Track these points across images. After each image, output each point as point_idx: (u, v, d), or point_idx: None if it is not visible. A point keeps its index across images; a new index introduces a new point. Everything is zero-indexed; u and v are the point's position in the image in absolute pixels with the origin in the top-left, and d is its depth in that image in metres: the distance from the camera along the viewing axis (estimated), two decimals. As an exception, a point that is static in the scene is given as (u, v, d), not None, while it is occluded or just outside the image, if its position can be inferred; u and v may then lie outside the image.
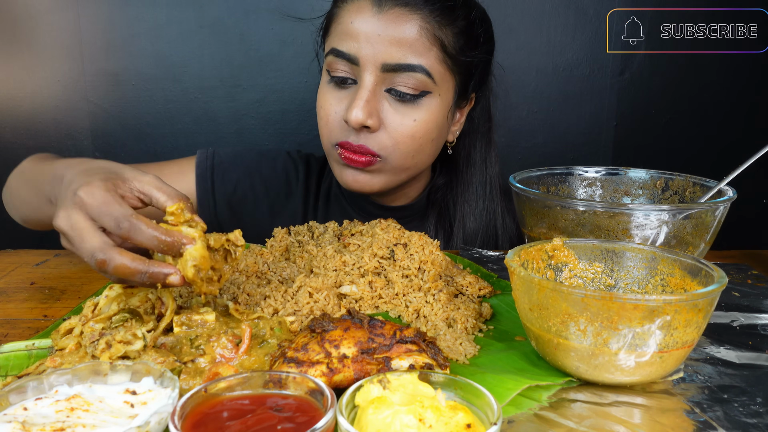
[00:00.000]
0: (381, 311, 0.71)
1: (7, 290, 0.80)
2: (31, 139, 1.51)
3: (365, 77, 0.87)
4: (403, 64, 0.86)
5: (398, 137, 0.89)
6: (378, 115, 0.88)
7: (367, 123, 0.86)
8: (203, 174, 1.02)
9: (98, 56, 1.47)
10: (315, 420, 0.41)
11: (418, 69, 0.86)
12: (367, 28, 0.85)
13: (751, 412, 0.51)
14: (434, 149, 0.96)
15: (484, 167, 1.04)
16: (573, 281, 0.65)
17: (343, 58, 0.88)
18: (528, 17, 1.49)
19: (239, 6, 1.46)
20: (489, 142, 1.05)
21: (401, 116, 0.88)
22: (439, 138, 0.95)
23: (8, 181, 0.97)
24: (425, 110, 0.89)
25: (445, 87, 0.91)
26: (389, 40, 0.85)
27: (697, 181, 0.80)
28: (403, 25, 0.85)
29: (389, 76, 0.87)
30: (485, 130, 1.05)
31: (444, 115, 0.93)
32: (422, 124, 0.89)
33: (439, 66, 0.88)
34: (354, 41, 0.86)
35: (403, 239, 0.78)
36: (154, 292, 0.60)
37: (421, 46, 0.86)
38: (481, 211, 1.03)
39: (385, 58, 0.85)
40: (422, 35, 0.86)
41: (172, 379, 0.47)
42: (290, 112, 1.52)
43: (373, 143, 0.89)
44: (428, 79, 0.87)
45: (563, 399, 0.53)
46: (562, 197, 0.82)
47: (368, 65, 0.86)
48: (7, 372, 0.56)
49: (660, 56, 1.53)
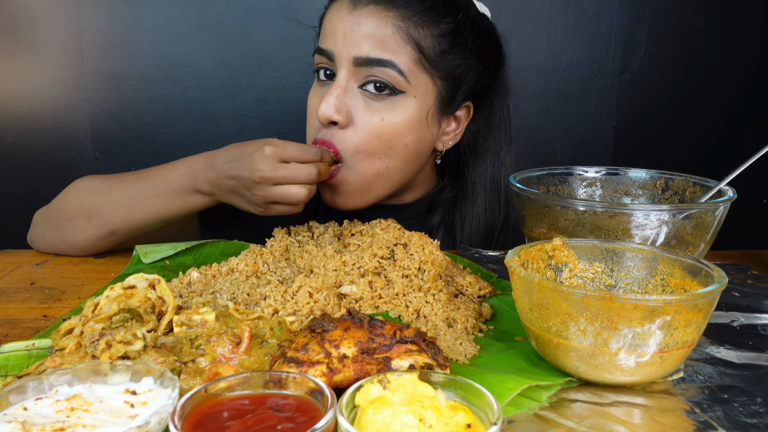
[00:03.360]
0: (381, 311, 0.71)
1: (7, 290, 0.80)
2: (31, 139, 1.51)
3: (339, 72, 0.89)
4: (374, 58, 0.86)
5: (364, 135, 0.88)
6: (347, 111, 0.88)
7: (334, 118, 0.87)
8: None
9: (98, 56, 1.47)
10: (315, 420, 0.41)
11: (388, 64, 0.86)
12: (342, 24, 0.88)
13: (751, 412, 0.51)
14: (411, 156, 0.93)
15: (496, 188, 1.01)
16: (573, 281, 0.65)
17: (324, 56, 0.91)
18: (528, 17, 1.49)
19: (239, 6, 1.46)
20: (498, 161, 1.01)
21: (370, 114, 0.88)
22: (418, 144, 0.92)
23: (56, 207, 0.94)
24: (397, 110, 0.88)
25: (422, 89, 0.90)
26: (362, 35, 0.87)
27: (697, 181, 0.80)
28: (376, 21, 0.87)
29: (362, 70, 0.87)
30: (494, 146, 1.01)
31: (420, 119, 0.90)
32: (391, 124, 0.88)
33: (413, 66, 0.88)
34: (332, 38, 0.89)
35: (403, 239, 0.78)
36: (153, 292, 0.60)
37: (393, 43, 0.87)
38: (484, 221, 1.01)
39: (356, 52, 0.87)
40: (395, 33, 0.87)
41: (172, 379, 0.47)
42: (290, 112, 1.52)
43: (338, 141, 0.89)
44: (401, 78, 0.87)
45: (563, 399, 0.53)
46: (562, 197, 0.82)
47: (342, 60, 0.88)
48: (7, 372, 0.56)
49: (660, 56, 1.53)
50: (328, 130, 0.89)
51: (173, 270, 0.85)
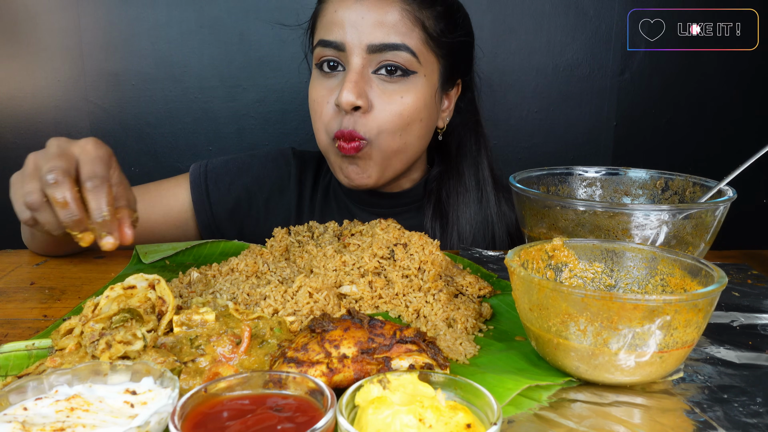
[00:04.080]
0: (381, 311, 0.71)
1: (7, 290, 0.80)
2: (31, 139, 1.51)
3: (353, 60, 0.91)
4: (388, 44, 0.90)
5: (386, 116, 0.92)
6: (367, 96, 0.91)
7: (357, 103, 0.90)
8: (196, 182, 1.05)
9: (98, 56, 1.47)
10: (315, 420, 0.41)
11: (402, 48, 0.90)
12: (351, 14, 0.90)
13: (751, 412, 0.51)
14: (424, 131, 0.98)
15: (474, 159, 1.06)
16: (573, 281, 0.65)
17: (331, 47, 0.92)
18: (528, 17, 1.49)
19: (239, 6, 1.46)
20: (477, 135, 1.07)
21: (389, 96, 0.92)
22: (428, 120, 0.98)
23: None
24: (412, 90, 0.93)
25: (430, 68, 0.95)
26: (372, 23, 0.90)
27: (697, 181, 0.80)
28: (384, 8, 0.90)
29: (375, 57, 0.91)
30: (473, 122, 1.07)
31: (431, 96, 0.96)
32: (409, 103, 0.93)
33: (422, 46, 0.92)
34: (340, 29, 0.91)
35: (403, 239, 0.78)
36: (154, 291, 0.60)
37: (403, 27, 0.91)
38: (474, 201, 1.05)
39: (370, 40, 0.90)
40: (404, 16, 0.91)
41: (172, 379, 0.47)
42: (290, 112, 1.52)
43: (361, 127, 0.91)
44: (413, 59, 0.91)
45: (563, 399, 0.53)
46: (562, 197, 0.82)
47: (355, 48, 0.90)
48: (7, 372, 0.56)
49: (660, 56, 1.53)
50: (350, 117, 0.92)
51: (173, 270, 0.85)
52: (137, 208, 0.70)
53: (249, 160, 1.09)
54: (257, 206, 1.07)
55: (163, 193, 1.05)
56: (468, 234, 1.03)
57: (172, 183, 1.06)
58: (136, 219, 0.68)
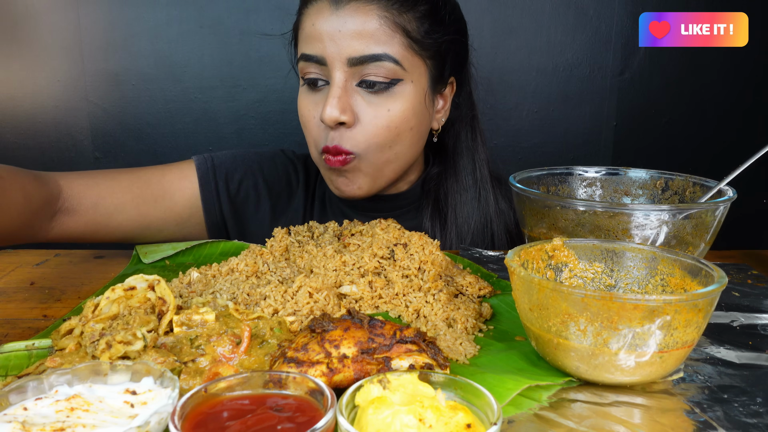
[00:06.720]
0: (381, 311, 0.71)
1: (7, 290, 0.80)
2: (31, 139, 1.51)
3: (335, 75, 0.88)
4: (368, 55, 0.87)
5: (373, 130, 0.90)
6: (352, 110, 0.89)
7: (341, 119, 0.88)
8: (205, 176, 1.02)
9: (98, 56, 1.47)
10: (315, 420, 0.41)
11: (384, 57, 0.87)
12: (328, 27, 0.87)
13: (751, 412, 0.51)
14: (416, 138, 0.96)
15: (471, 155, 1.05)
16: (573, 281, 0.65)
17: (312, 61, 0.90)
18: (528, 17, 1.49)
19: (239, 6, 1.46)
20: (474, 130, 1.05)
21: (375, 108, 0.89)
22: (420, 126, 0.95)
23: None
24: (399, 99, 0.90)
25: (416, 73, 0.92)
26: (350, 34, 0.87)
27: (697, 181, 0.80)
28: (362, 17, 0.87)
29: (357, 69, 0.88)
30: (469, 117, 1.05)
31: (420, 101, 0.93)
32: (397, 114, 0.90)
33: (405, 52, 0.89)
34: (318, 42, 0.88)
35: (403, 239, 0.78)
36: (154, 292, 0.60)
37: (383, 35, 0.87)
38: (472, 199, 1.04)
39: (349, 53, 0.87)
40: (383, 24, 0.87)
41: (172, 379, 0.47)
42: (290, 112, 1.52)
43: (347, 141, 0.90)
44: (397, 67, 0.88)
45: (563, 399, 0.53)
46: (562, 197, 0.82)
47: (335, 62, 0.88)
48: (7, 372, 0.56)
49: (660, 56, 1.53)
50: (336, 132, 0.90)
51: (173, 270, 0.85)
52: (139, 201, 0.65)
53: (258, 159, 1.07)
54: (263, 210, 1.05)
55: (167, 187, 0.99)
56: (467, 233, 1.02)
57: (176, 175, 1.01)
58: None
